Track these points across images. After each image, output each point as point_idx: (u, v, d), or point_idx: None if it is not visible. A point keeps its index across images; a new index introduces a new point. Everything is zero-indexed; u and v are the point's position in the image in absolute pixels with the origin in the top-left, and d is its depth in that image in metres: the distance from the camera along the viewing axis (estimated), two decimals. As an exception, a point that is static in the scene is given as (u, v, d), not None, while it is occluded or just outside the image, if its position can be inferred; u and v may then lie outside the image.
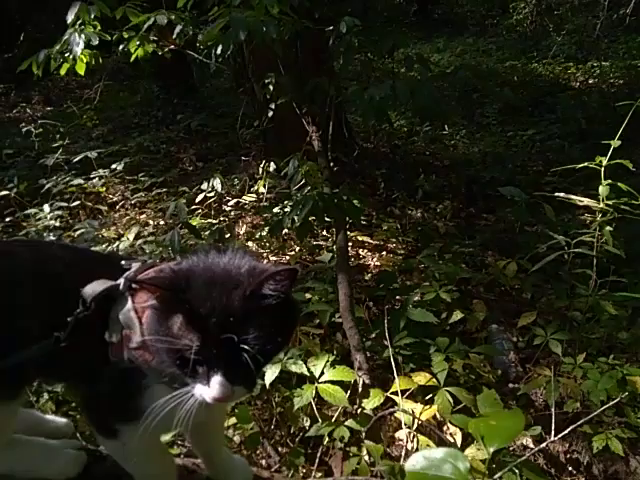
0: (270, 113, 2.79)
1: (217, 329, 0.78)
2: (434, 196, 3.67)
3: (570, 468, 1.85)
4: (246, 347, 0.77)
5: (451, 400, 1.68)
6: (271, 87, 2.52)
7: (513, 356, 2.24)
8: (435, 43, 9.40)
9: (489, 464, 1.13)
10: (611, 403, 1.45)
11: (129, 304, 0.91)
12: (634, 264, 2.50)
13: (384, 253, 2.97)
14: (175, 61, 5.75)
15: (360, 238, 2.93)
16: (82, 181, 3.55)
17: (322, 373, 1.67)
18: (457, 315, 2.14)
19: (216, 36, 1.99)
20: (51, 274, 0.96)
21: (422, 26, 10.62)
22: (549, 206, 2.72)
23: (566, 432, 1.41)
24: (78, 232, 2.93)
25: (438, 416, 1.71)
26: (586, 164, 1.77)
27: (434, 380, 1.75)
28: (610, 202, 1.70)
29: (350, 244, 3.05)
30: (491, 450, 0.66)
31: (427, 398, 1.73)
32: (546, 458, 1.88)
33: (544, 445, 1.62)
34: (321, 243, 2.97)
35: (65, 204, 3.21)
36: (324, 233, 3.05)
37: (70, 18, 2.44)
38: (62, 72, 2.67)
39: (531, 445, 1.86)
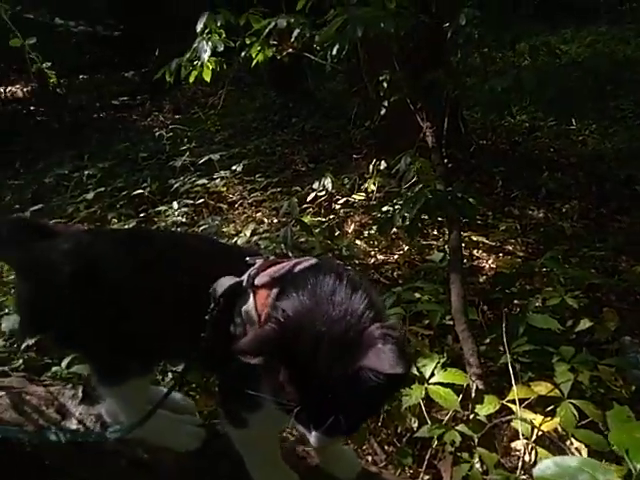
0: (383, 111, 2.77)
1: (317, 397, 0.79)
2: (559, 195, 3.39)
3: None
4: (343, 417, 0.78)
5: (576, 414, 1.53)
6: (385, 84, 2.50)
7: (651, 372, 1.99)
8: (562, 34, 8.73)
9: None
10: None
11: (251, 301, 0.94)
12: None
13: (501, 255, 2.80)
14: (291, 67, 5.98)
15: (474, 238, 2.80)
16: (206, 181, 3.82)
17: (432, 374, 1.62)
18: (585, 323, 1.94)
19: (333, 35, 2.02)
20: (186, 260, 1.03)
21: (546, 16, 9.92)
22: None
23: None
24: (202, 227, 3.16)
25: (560, 429, 1.57)
26: None
27: (556, 391, 1.61)
28: None
29: (463, 244, 2.92)
30: (638, 467, 0.58)
31: (548, 410, 1.60)
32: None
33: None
34: (432, 243, 2.88)
35: (191, 202, 3.47)
36: (434, 233, 2.96)
37: (199, 27, 2.63)
38: (191, 79, 2.89)
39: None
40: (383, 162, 3.04)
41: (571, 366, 1.70)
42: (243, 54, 2.89)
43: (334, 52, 2.39)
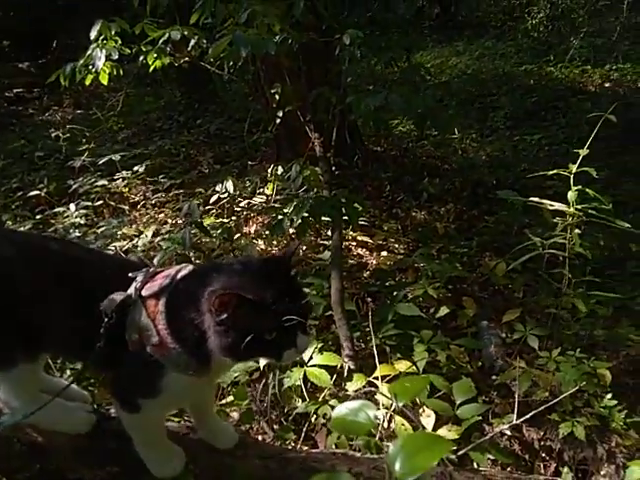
0: (278, 120, 2.98)
1: (286, 309, 1.03)
2: (438, 199, 3.80)
3: (543, 454, 1.98)
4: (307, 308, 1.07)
5: (428, 386, 1.83)
6: (277, 96, 2.71)
7: (499, 350, 2.38)
8: (455, 46, 9.47)
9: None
10: (568, 392, 1.59)
11: (143, 312, 1.11)
12: (620, 266, 2.62)
13: (384, 253, 3.13)
14: (196, 68, 6.01)
15: (361, 238, 3.09)
16: (106, 182, 3.81)
17: (311, 358, 1.85)
18: (443, 310, 2.29)
19: (222, 51, 2.19)
20: (76, 273, 1.17)
21: (443, 29, 10.71)
22: (547, 209, 2.85)
23: (527, 417, 1.56)
24: (101, 229, 3.18)
25: (418, 400, 1.87)
26: (556, 171, 1.91)
27: (414, 368, 1.91)
28: (579, 207, 1.83)
29: (354, 244, 3.22)
30: (400, 404, 0.82)
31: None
32: (521, 445, 2.01)
33: (506, 427, 1.77)
34: (325, 242, 3.14)
35: (90, 203, 3.47)
36: (328, 233, 3.22)
37: (93, 34, 2.67)
38: (87, 82, 2.92)
39: (508, 432, 2.01)
40: (280, 167, 3.24)
41: (428, 346, 2.02)
42: (141, 59, 2.97)
43: (230, 63, 2.56)
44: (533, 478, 1.63)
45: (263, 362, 1.86)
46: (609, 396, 1.87)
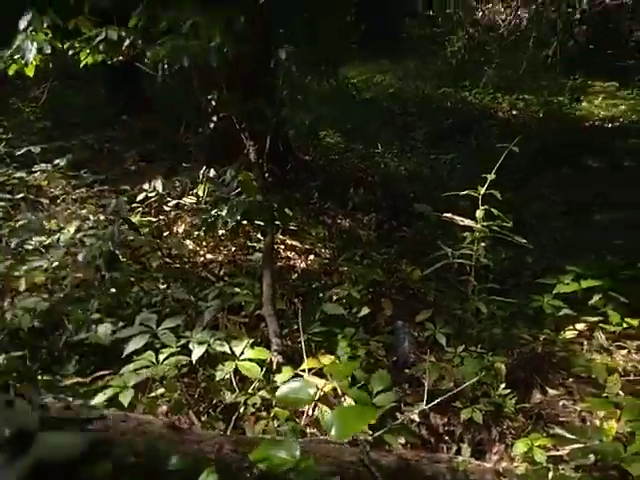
0: (212, 125, 3.06)
1: None
2: (362, 208, 4.04)
3: (447, 438, 2.23)
4: None
5: (349, 378, 2.00)
6: (213, 102, 2.80)
7: (412, 347, 2.61)
8: (380, 64, 9.90)
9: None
10: (469, 382, 1.83)
11: None
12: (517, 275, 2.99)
13: (312, 257, 3.29)
14: (124, 63, 5.88)
15: (290, 242, 3.24)
16: (24, 174, 3.66)
17: (242, 353, 1.96)
18: (364, 310, 2.49)
19: (163, 56, 2.25)
20: None
21: (370, 45, 11.14)
22: (458, 224, 3.16)
23: (434, 403, 1.80)
24: (20, 223, 3.07)
25: (339, 391, 2.04)
26: (467, 192, 2.17)
27: (338, 362, 2.08)
28: (485, 224, 2.10)
29: (282, 247, 3.35)
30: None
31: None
32: (428, 430, 2.25)
33: (416, 412, 1.98)
34: (255, 245, 3.25)
35: (8, 195, 3.32)
36: (258, 236, 3.33)
37: (23, 25, 2.61)
38: (10, 72, 2.83)
39: (417, 419, 2.23)
40: (212, 170, 3.31)
41: (350, 342, 2.20)
42: (72, 53, 2.93)
43: (165, 66, 2.62)
44: (439, 456, 1.85)
45: (194, 357, 1.96)
46: (503, 386, 2.14)
